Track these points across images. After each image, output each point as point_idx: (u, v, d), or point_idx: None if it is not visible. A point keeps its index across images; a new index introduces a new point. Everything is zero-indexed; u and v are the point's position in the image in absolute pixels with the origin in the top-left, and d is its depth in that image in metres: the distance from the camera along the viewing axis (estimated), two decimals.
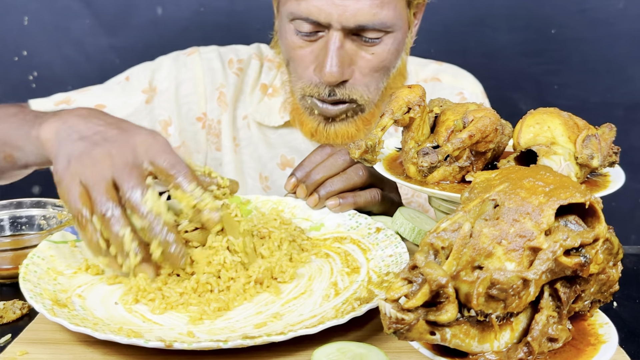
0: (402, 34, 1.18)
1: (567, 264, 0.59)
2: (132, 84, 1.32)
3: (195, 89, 1.32)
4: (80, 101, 1.28)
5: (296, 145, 1.33)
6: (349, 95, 1.16)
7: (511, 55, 1.93)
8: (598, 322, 0.67)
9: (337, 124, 1.20)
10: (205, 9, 1.90)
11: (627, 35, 1.90)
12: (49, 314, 0.70)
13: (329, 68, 1.11)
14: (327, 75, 1.12)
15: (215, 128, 1.35)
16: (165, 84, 1.31)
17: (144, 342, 0.67)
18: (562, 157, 0.79)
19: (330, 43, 1.11)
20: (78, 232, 0.79)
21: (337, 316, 0.74)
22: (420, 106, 0.85)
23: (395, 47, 1.17)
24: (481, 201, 0.62)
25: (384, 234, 0.93)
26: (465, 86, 1.40)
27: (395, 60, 1.20)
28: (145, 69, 1.33)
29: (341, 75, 1.13)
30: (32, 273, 0.80)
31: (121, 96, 1.30)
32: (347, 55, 1.13)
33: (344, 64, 1.13)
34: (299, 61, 1.18)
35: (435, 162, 0.84)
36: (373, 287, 0.81)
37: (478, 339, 0.60)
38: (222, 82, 1.34)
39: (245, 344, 0.68)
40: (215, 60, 1.34)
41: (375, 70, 1.17)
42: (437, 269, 0.55)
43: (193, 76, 1.32)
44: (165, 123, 1.31)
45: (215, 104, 1.33)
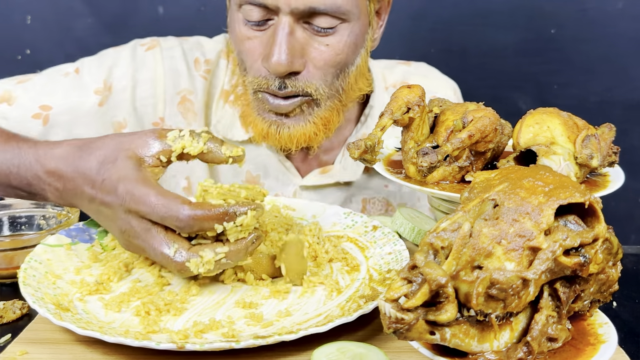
0: (360, 27, 1.10)
1: (567, 263, 0.59)
2: (83, 81, 1.19)
3: (153, 91, 1.20)
4: (23, 98, 1.16)
5: (261, 161, 1.23)
6: (303, 88, 1.07)
7: (511, 55, 1.93)
8: (597, 322, 0.67)
9: (292, 123, 1.10)
10: (205, 8, 1.91)
11: (627, 35, 1.90)
12: (55, 319, 0.70)
13: (276, 56, 1.03)
14: (274, 64, 1.03)
15: None
16: (123, 83, 1.19)
17: (155, 345, 0.67)
18: (562, 157, 0.79)
19: (279, 29, 1.03)
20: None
21: (343, 314, 0.74)
22: (419, 106, 0.85)
23: (352, 40, 1.08)
24: (481, 201, 0.62)
25: (380, 231, 0.93)
26: (437, 88, 1.32)
27: (352, 56, 1.11)
28: (100, 64, 1.20)
29: (290, 65, 1.04)
30: (32, 277, 0.79)
31: (70, 94, 1.18)
32: (297, 43, 1.05)
33: (294, 53, 1.04)
34: (248, 53, 1.08)
35: (435, 162, 0.84)
36: (375, 285, 0.81)
37: (478, 338, 0.60)
38: (188, 87, 1.22)
39: (257, 343, 0.68)
40: (178, 59, 1.22)
41: (330, 65, 1.08)
42: (436, 269, 0.55)
43: (152, 77, 1.20)
44: (120, 125, 1.20)
45: (175, 110, 1.22)
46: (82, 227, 0.92)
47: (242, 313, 0.77)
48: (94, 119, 1.18)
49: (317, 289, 0.82)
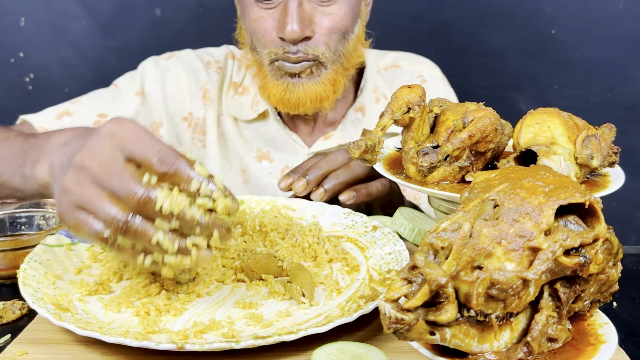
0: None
1: (567, 264, 0.59)
2: (122, 90, 1.36)
3: (179, 89, 1.38)
4: (80, 112, 1.31)
5: (269, 137, 1.38)
6: (312, 52, 1.22)
7: (511, 55, 1.93)
8: (598, 322, 0.67)
9: (304, 81, 1.25)
10: (203, 9, 1.90)
11: (627, 36, 1.90)
12: (54, 319, 0.70)
13: (290, 26, 1.18)
14: (289, 32, 1.19)
15: (201, 126, 1.39)
16: (153, 87, 1.37)
17: (155, 345, 0.67)
18: (562, 157, 0.79)
19: (290, 2, 1.19)
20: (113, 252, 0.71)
21: (344, 314, 0.74)
22: (420, 106, 0.85)
23: (350, 9, 1.25)
24: (481, 201, 0.62)
25: (380, 231, 0.93)
26: (424, 69, 1.47)
27: (351, 24, 1.26)
28: (133, 75, 1.38)
29: (302, 32, 1.19)
30: (31, 277, 0.79)
31: (117, 103, 1.34)
32: (305, 14, 1.21)
33: (304, 22, 1.20)
34: (263, 31, 1.24)
35: (435, 162, 0.84)
36: (375, 285, 0.81)
37: (478, 339, 0.60)
38: (205, 80, 1.40)
39: (256, 344, 0.68)
40: (195, 61, 1.41)
41: (334, 31, 1.23)
42: (436, 269, 0.55)
43: (177, 77, 1.38)
44: (156, 125, 1.37)
45: (200, 103, 1.39)
46: None
47: (242, 313, 0.77)
48: (142, 118, 1.35)
49: (317, 290, 0.82)
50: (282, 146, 1.38)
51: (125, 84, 1.37)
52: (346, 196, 0.99)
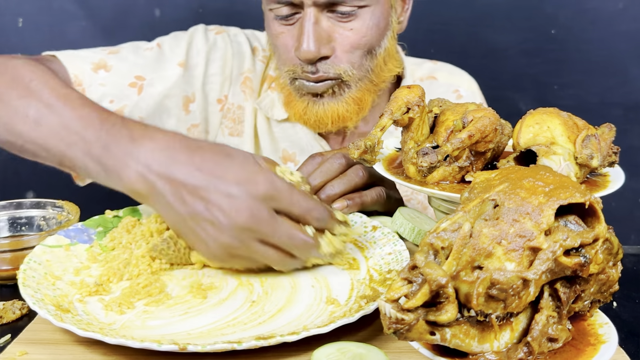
0: (381, 10, 1.18)
1: (567, 264, 0.59)
2: (166, 55, 1.28)
3: (222, 69, 1.31)
4: (118, 68, 1.23)
5: (297, 140, 1.33)
6: (333, 72, 1.16)
7: (511, 55, 1.93)
8: (598, 322, 0.67)
9: (325, 101, 1.20)
10: (203, 10, 1.90)
11: (627, 36, 1.90)
12: (55, 320, 0.70)
13: (305, 45, 1.12)
14: (304, 52, 1.13)
15: (234, 113, 1.34)
16: (196, 60, 1.29)
17: (157, 346, 0.66)
18: (562, 157, 0.79)
19: (305, 20, 1.13)
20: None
21: (345, 315, 0.74)
22: (419, 106, 0.85)
23: (374, 24, 1.17)
24: (481, 201, 0.62)
25: (380, 232, 0.93)
26: (461, 83, 1.41)
27: (377, 39, 1.19)
28: (180, 41, 1.30)
29: (318, 51, 1.13)
30: (31, 278, 0.79)
31: (157, 69, 1.26)
32: (323, 31, 1.14)
33: (320, 40, 1.14)
34: (282, 47, 1.19)
35: (435, 162, 0.84)
36: (376, 285, 0.81)
37: (478, 339, 0.60)
38: (250, 67, 1.34)
39: (259, 344, 0.67)
40: (244, 44, 1.34)
41: (356, 47, 1.17)
42: (436, 269, 0.55)
43: (223, 56, 1.31)
44: (188, 99, 1.29)
45: (238, 89, 1.33)
46: (80, 228, 0.92)
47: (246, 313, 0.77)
48: (178, 92, 1.27)
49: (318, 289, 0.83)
50: (310, 151, 1.29)
51: (170, 48, 1.29)
52: (339, 205, 0.98)
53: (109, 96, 1.19)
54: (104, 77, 1.21)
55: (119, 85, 1.22)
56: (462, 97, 1.38)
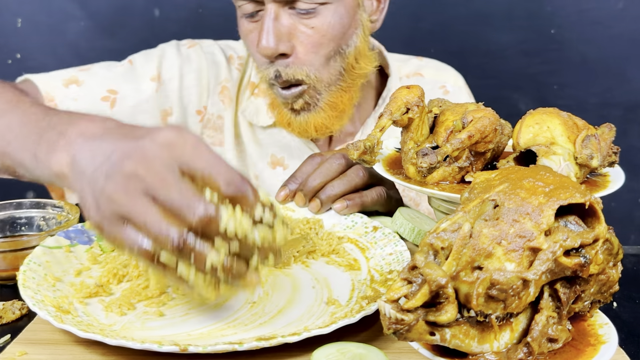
0: (345, 8, 1.16)
1: (567, 264, 0.59)
2: (138, 71, 1.28)
3: (198, 81, 1.31)
4: (89, 83, 1.23)
5: (285, 144, 1.32)
6: (294, 76, 1.14)
7: (511, 55, 1.93)
8: (598, 323, 0.67)
9: (303, 114, 1.19)
10: (203, 10, 1.90)
11: (627, 36, 1.90)
12: (55, 321, 0.70)
13: (263, 40, 1.11)
14: (261, 48, 1.11)
15: (214, 123, 1.34)
16: (170, 74, 1.29)
17: (157, 347, 0.66)
18: (562, 157, 0.79)
19: (265, 16, 1.11)
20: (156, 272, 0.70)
21: (346, 315, 0.74)
22: (419, 106, 0.85)
23: (337, 21, 1.14)
24: (481, 201, 0.62)
25: (381, 232, 0.93)
26: (447, 79, 1.39)
27: (343, 37, 1.16)
28: (151, 56, 1.30)
29: (276, 47, 1.11)
30: (31, 280, 0.79)
31: (130, 82, 1.26)
32: (283, 27, 1.12)
33: (279, 36, 1.12)
34: (250, 45, 1.18)
35: (435, 162, 0.84)
36: (377, 286, 0.81)
37: (478, 339, 0.60)
38: (226, 76, 1.33)
39: (260, 345, 0.67)
40: (218, 54, 1.33)
41: (320, 46, 1.14)
42: (436, 270, 0.55)
43: (197, 68, 1.31)
44: (166, 113, 1.29)
45: (216, 98, 1.33)
46: (80, 229, 0.91)
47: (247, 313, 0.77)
48: (152, 106, 1.27)
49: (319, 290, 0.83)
50: (298, 154, 1.31)
51: (142, 64, 1.28)
52: (339, 205, 0.98)
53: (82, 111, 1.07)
54: (76, 92, 1.21)
55: (90, 98, 1.21)
56: (448, 92, 1.37)
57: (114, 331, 0.72)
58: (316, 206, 0.98)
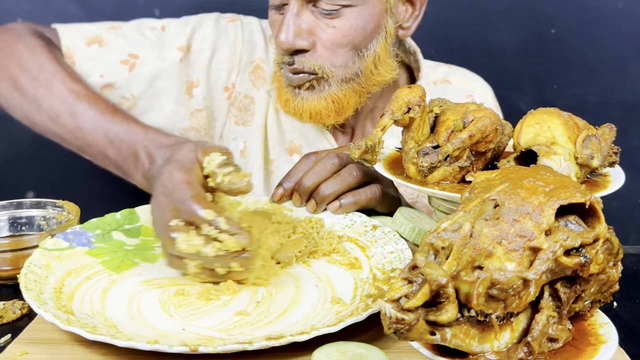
0: (371, 13, 1.16)
1: (568, 264, 0.59)
2: (168, 37, 1.28)
3: (230, 57, 1.31)
4: (112, 45, 1.25)
5: (304, 132, 1.32)
6: (308, 66, 1.15)
7: (511, 54, 1.93)
8: (598, 322, 0.67)
9: (303, 95, 1.18)
10: (203, 10, 1.90)
11: (627, 36, 1.90)
12: (62, 324, 0.69)
13: (283, 35, 1.12)
14: (279, 42, 1.13)
15: (241, 102, 1.33)
16: (201, 46, 1.29)
17: (167, 348, 0.66)
18: (562, 157, 0.79)
19: (287, 11, 1.13)
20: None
21: (353, 314, 0.74)
22: (420, 106, 0.85)
23: (360, 24, 1.15)
24: (481, 201, 0.62)
25: (381, 231, 0.93)
26: (475, 89, 1.39)
27: (364, 40, 1.16)
28: (185, 25, 1.30)
29: (293, 42, 1.13)
30: (33, 282, 0.78)
31: (154, 48, 1.27)
32: (304, 24, 1.13)
33: (299, 32, 1.13)
34: (273, 34, 1.19)
35: (435, 162, 0.84)
36: (380, 284, 0.81)
37: (478, 339, 0.60)
38: (262, 56, 1.33)
39: (269, 344, 0.67)
40: (257, 33, 1.33)
41: (339, 46, 1.15)
42: (437, 269, 0.55)
43: (232, 45, 1.31)
44: (191, 84, 1.29)
45: (246, 77, 1.32)
46: (79, 230, 0.91)
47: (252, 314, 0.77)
48: (174, 74, 1.27)
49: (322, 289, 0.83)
50: (316, 144, 1.31)
51: (175, 31, 1.29)
52: (332, 205, 0.99)
53: (99, 70, 1.21)
54: (96, 52, 1.22)
55: (109, 61, 1.23)
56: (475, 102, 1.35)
57: (121, 332, 0.71)
58: (312, 207, 0.99)
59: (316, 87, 1.18)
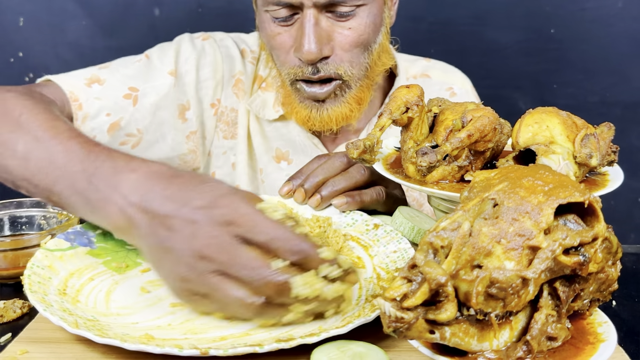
0: (377, 6, 1.20)
1: (566, 263, 0.59)
2: (155, 65, 1.27)
3: (213, 74, 1.31)
4: (111, 81, 1.22)
5: (290, 138, 1.33)
6: (334, 71, 1.17)
7: (510, 54, 1.93)
8: (597, 321, 0.67)
9: (329, 106, 1.21)
10: (203, 9, 1.90)
11: (626, 35, 1.90)
12: (70, 327, 0.69)
13: (307, 46, 1.13)
14: (305, 53, 1.13)
15: (227, 116, 1.34)
16: (186, 68, 1.29)
17: (178, 351, 0.65)
18: (561, 156, 0.79)
19: (305, 21, 1.13)
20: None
21: (360, 314, 0.73)
22: (418, 106, 0.85)
23: (371, 21, 1.18)
24: (480, 200, 0.62)
25: (382, 230, 0.93)
26: (454, 81, 1.41)
27: (374, 35, 1.20)
28: (168, 50, 1.30)
29: (320, 52, 1.14)
30: (37, 284, 0.77)
31: (149, 77, 1.26)
32: (323, 31, 1.15)
33: (321, 40, 1.14)
34: (280, 48, 1.19)
35: (434, 161, 0.84)
36: (385, 284, 0.81)
37: (477, 337, 0.60)
38: (240, 69, 1.34)
39: (279, 347, 0.67)
40: (232, 48, 1.34)
41: (356, 45, 1.17)
42: (436, 268, 0.56)
43: (213, 61, 1.31)
44: (184, 108, 1.29)
45: (230, 91, 1.34)
46: (80, 230, 0.91)
47: None
48: (171, 101, 1.27)
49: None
50: (303, 149, 1.33)
51: (159, 58, 1.28)
52: (338, 201, 0.98)
53: (106, 109, 1.20)
54: (99, 91, 1.21)
55: (113, 97, 1.21)
56: (455, 94, 1.38)
57: (129, 335, 0.71)
58: (316, 201, 0.98)
59: (339, 94, 1.20)
